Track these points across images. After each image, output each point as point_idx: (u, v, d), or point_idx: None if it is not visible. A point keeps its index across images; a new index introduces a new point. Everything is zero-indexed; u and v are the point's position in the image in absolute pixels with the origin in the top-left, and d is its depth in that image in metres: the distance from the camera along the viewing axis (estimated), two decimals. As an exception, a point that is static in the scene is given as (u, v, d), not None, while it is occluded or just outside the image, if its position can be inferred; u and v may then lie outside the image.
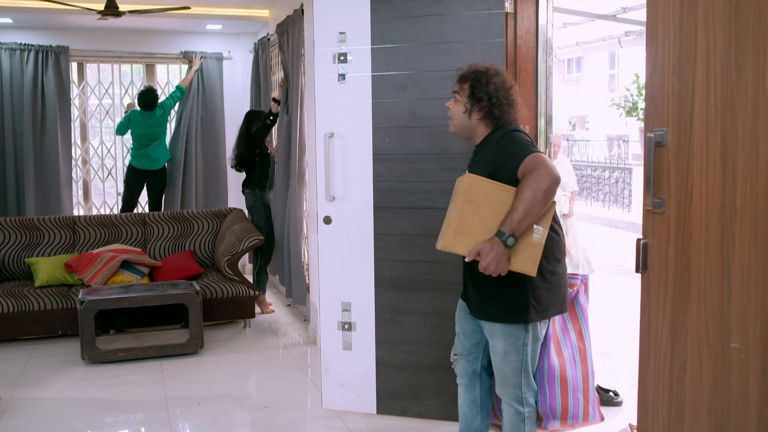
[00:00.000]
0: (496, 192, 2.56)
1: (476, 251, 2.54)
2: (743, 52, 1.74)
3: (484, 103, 2.71)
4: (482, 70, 2.76)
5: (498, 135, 2.72)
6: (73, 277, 5.51)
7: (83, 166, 7.52)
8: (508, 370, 2.75)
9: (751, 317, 1.75)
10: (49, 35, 7.07)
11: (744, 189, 1.74)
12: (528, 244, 2.56)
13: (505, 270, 2.55)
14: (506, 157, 2.62)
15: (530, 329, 2.71)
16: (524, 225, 2.50)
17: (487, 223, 2.54)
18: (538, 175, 2.49)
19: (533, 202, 2.48)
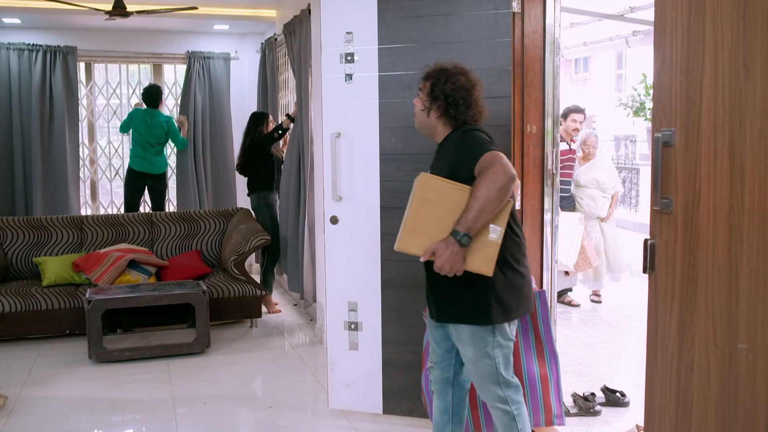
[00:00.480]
0: (451, 191, 2.54)
1: (431, 251, 2.51)
2: (751, 52, 1.73)
3: (440, 102, 2.71)
4: (445, 69, 2.76)
5: (457, 134, 2.71)
6: (81, 276, 5.52)
7: (91, 165, 7.55)
8: (484, 375, 2.71)
9: (759, 318, 1.74)
10: (57, 35, 7.10)
11: (752, 189, 1.74)
12: (484, 244, 2.53)
13: (461, 270, 2.52)
14: (463, 156, 2.60)
15: (497, 332, 2.66)
16: (479, 224, 2.47)
17: (442, 223, 2.51)
18: (493, 173, 2.46)
19: (488, 200, 2.45)
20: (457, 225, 2.48)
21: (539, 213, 3.49)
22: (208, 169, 7.62)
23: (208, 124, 7.57)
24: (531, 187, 3.46)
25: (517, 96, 3.40)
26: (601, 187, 6.06)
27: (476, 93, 2.76)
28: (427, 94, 2.76)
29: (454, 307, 2.68)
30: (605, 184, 6.06)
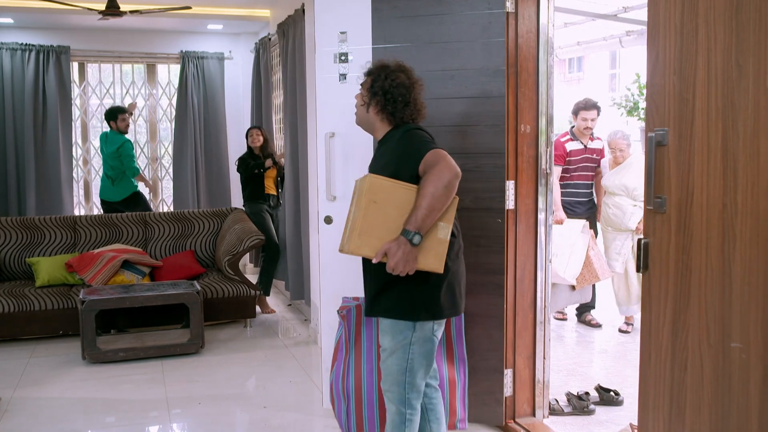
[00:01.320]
0: (399, 191, 2.55)
1: (383, 252, 2.51)
2: (744, 51, 1.73)
3: (379, 98, 2.72)
4: (385, 66, 2.77)
5: (398, 133, 2.72)
6: (74, 277, 5.51)
7: (84, 165, 7.53)
8: (393, 368, 2.71)
9: (752, 317, 1.74)
10: (50, 35, 7.08)
11: (745, 188, 1.74)
12: (433, 241, 2.56)
13: (414, 269, 2.53)
14: (406, 155, 2.62)
15: (418, 328, 2.66)
16: (429, 222, 2.50)
17: (391, 223, 2.53)
18: (438, 171, 2.49)
19: (435, 197, 2.47)
20: (407, 224, 2.49)
21: (533, 212, 3.50)
22: (203, 169, 7.61)
23: (202, 124, 7.56)
24: (525, 186, 3.47)
25: (511, 95, 3.40)
26: (630, 194, 5.24)
27: (415, 91, 2.76)
28: (367, 90, 2.77)
29: (380, 301, 2.70)
30: (635, 191, 5.19)
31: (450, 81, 3.41)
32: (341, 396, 3.20)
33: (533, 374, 3.60)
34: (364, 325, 3.17)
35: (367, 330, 3.19)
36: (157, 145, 7.80)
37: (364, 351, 3.18)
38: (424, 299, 2.64)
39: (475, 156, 3.40)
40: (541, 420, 3.62)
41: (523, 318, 3.55)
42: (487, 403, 3.53)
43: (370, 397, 3.18)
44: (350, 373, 3.18)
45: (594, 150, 5.51)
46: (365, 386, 3.17)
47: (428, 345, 2.71)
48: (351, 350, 3.17)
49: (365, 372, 3.17)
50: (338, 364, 3.20)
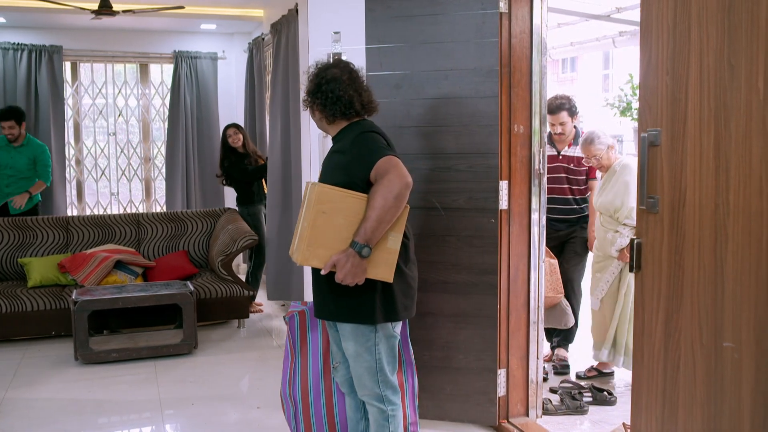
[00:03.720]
0: (348, 201, 2.52)
1: (332, 263, 2.50)
2: (736, 52, 1.74)
3: (315, 98, 2.71)
4: (322, 65, 2.77)
5: (353, 133, 2.68)
6: (67, 277, 5.49)
7: (77, 166, 7.50)
8: (363, 371, 2.71)
9: (744, 316, 1.75)
10: (43, 35, 7.05)
11: (737, 189, 1.75)
12: (383, 251, 2.55)
13: (362, 280, 2.53)
14: (358, 159, 2.58)
15: (379, 329, 2.68)
16: (378, 233, 2.48)
17: (341, 234, 2.51)
18: (389, 181, 2.46)
19: (385, 209, 2.45)
20: (356, 236, 2.48)
21: (527, 213, 3.50)
22: (196, 169, 7.59)
23: (195, 124, 7.54)
24: (518, 187, 3.47)
25: (504, 96, 3.40)
26: (613, 215, 4.10)
27: (348, 84, 2.70)
28: (307, 93, 2.76)
29: (337, 306, 2.67)
30: (618, 212, 4.05)
31: (444, 81, 3.41)
32: (289, 402, 3.17)
33: (526, 374, 3.60)
34: (310, 330, 3.14)
35: (313, 334, 3.15)
36: (149, 145, 7.77)
37: (310, 356, 3.16)
38: (381, 302, 2.63)
39: (468, 156, 3.40)
40: (535, 420, 3.62)
41: (516, 318, 3.55)
42: (480, 403, 3.53)
43: (317, 402, 3.17)
44: (297, 379, 3.15)
45: (571, 158, 4.44)
46: (312, 391, 3.16)
47: (391, 341, 2.73)
48: (297, 356, 3.14)
49: (311, 377, 3.15)
50: (285, 370, 3.18)
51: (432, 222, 3.49)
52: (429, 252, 3.50)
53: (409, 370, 3.16)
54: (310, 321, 3.13)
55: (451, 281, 3.49)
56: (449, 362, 3.54)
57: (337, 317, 2.70)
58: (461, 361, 3.52)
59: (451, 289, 3.49)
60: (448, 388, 3.56)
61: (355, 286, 2.58)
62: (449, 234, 3.47)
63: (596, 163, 4.18)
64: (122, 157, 7.67)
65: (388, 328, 2.70)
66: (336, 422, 3.17)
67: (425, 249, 3.50)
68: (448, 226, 3.46)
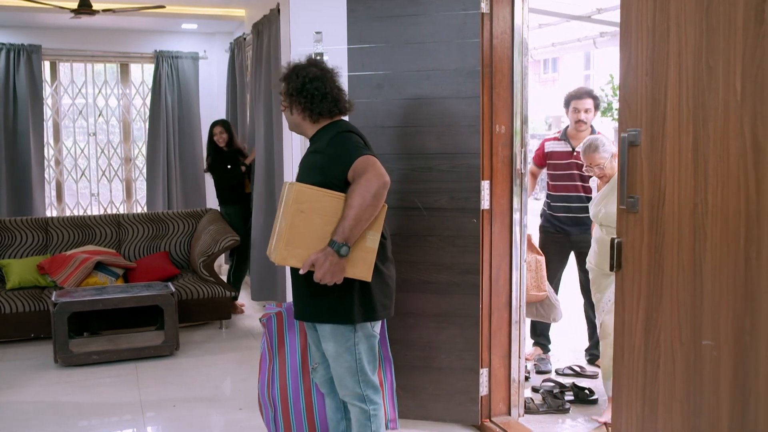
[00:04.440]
0: (326, 200, 2.52)
1: (310, 263, 2.50)
2: (714, 53, 1.76)
3: (296, 98, 2.69)
4: (296, 65, 2.76)
5: (330, 134, 2.68)
6: (46, 279, 5.43)
7: (56, 166, 7.43)
8: (344, 372, 2.71)
9: (723, 314, 1.77)
10: (21, 34, 6.97)
11: (715, 188, 1.77)
12: (362, 250, 2.55)
13: (341, 279, 2.53)
14: (335, 159, 2.59)
15: (359, 328, 2.67)
16: (356, 232, 2.48)
17: (319, 233, 2.51)
18: (366, 180, 2.47)
19: (363, 207, 2.45)
20: (334, 235, 2.48)
21: (508, 212, 3.51)
22: (177, 169, 7.54)
23: (176, 124, 7.49)
24: (500, 186, 3.48)
25: (485, 96, 3.41)
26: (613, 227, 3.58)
27: (330, 82, 2.72)
28: (285, 94, 2.74)
29: (316, 306, 2.67)
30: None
31: (425, 81, 3.42)
32: (268, 405, 3.15)
33: (508, 373, 3.62)
34: (287, 331, 3.13)
35: (290, 335, 3.13)
36: (130, 146, 7.72)
37: (288, 357, 3.14)
38: (360, 301, 2.63)
39: (450, 156, 3.41)
40: (517, 419, 3.64)
41: (498, 317, 3.56)
42: (462, 403, 3.54)
43: (296, 403, 3.16)
44: (275, 381, 3.14)
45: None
46: (291, 392, 3.14)
47: (371, 341, 2.73)
48: (275, 358, 3.13)
49: (290, 378, 3.14)
50: (263, 373, 3.15)
51: (414, 222, 3.49)
52: (411, 252, 3.50)
53: (387, 366, 3.16)
54: (287, 322, 3.12)
55: (433, 281, 3.49)
56: (431, 362, 3.54)
57: (317, 318, 2.70)
58: (443, 361, 3.53)
59: (433, 289, 3.50)
60: (431, 387, 3.57)
61: (334, 286, 2.57)
62: (431, 234, 3.48)
63: (599, 172, 3.79)
64: (103, 157, 7.61)
65: (368, 327, 2.70)
66: (316, 423, 3.17)
67: (407, 249, 3.51)
68: (429, 226, 3.47)
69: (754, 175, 1.66)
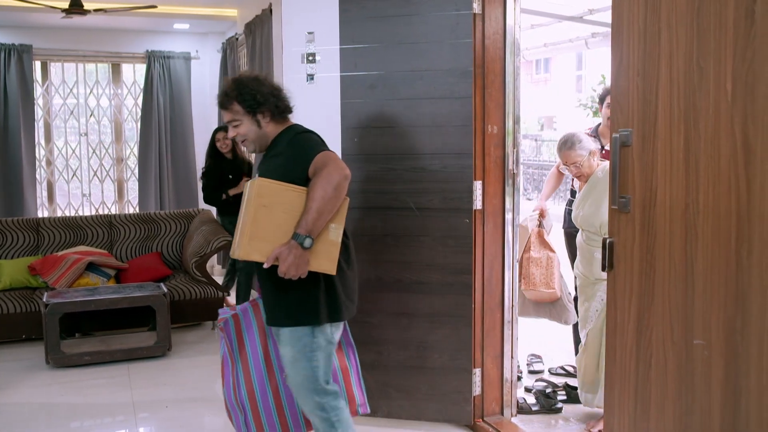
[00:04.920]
0: (288, 194, 2.53)
1: (274, 256, 2.48)
2: (705, 53, 1.77)
3: (263, 107, 2.68)
4: (238, 81, 2.72)
5: (289, 136, 2.71)
6: (38, 279, 5.41)
7: (47, 166, 7.40)
8: (301, 380, 2.67)
9: (714, 314, 1.78)
10: (12, 33, 6.94)
11: (706, 188, 1.77)
12: (325, 243, 2.55)
13: (305, 272, 2.51)
14: (296, 157, 2.61)
15: (318, 333, 2.63)
16: (320, 224, 2.49)
17: (282, 227, 2.50)
18: (327, 173, 2.49)
19: (325, 199, 2.47)
20: (297, 228, 2.47)
21: (500, 212, 3.52)
22: (169, 169, 7.53)
23: (168, 124, 7.47)
24: (492, 186, 3.49)
25: (478, 96, 3.42)
26: (599, 229, 3.47)
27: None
28: (247, 110, 2.68)
29: (278, 309, 2.66)
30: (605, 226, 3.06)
31: (418, 81, 3.42)
32: (237, 409, 3.05)
33: (501, 373, 3.62)
34: (245, 332, 3.05)
35: (249, 335, 3.05)
36: (122, 146, 7.70)
37: (251, 358, 3.05)
38: (319, 303, 2.61)
39: (442, 156, 3.42)
40: (510, 418, 3.64)
41: (491, 317, 3.57)
42: (455, 403, 3.55)
43: (265, 403, 3.07)
44: (241, 384, 3.05)
45: None
46: (258, 394, 3.06)
47: (329, 348, 2.69)
48: (237, 361, 3.04)
49: (255, 379, 3.05)
50: (227, 378, 3.07)
51: (406, 222, 3.49)
52: (403, 252, 3.51)
53: (350, 351, 3.07)
54: (245, 323, 3.04)
55: (426, 281, 3.50)
56: (424, 362, 3.55)
57: (276, 322, 2.68)
58: (436, 361, 3.53)
59: (426, 289, 3.50)
60: (424, 387, 3.57)
61: (299, 285, 2.56)
62: (424, 234, 3.48)
63: (575, 171, 3.60)
64: (94, 157, 7.59)
65: (327, 332, 2.67)
66: (287, 420, 3.07)
67: (400, 249, 3.51)
68: (422, 226, 3.47)
69: (745, 175, 1.67)
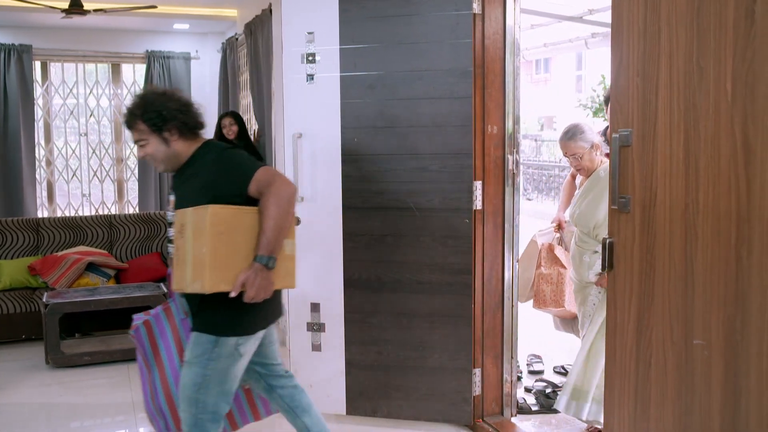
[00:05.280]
0: (242, 217, 2.46)
1: (240, 283, 2.40)
2: (705, 53, 1.77)
3: (169, 124, 2.55)
4: (143, 98, 2.60)
5: (211, 154, 2.57)
6: (37, 280, 5.41)
7: (47, 167, 7.40)
8: (188, 381, 2.56)
9: (714, 314, 1.78)
10: (12, 33, 6.94)
11: (706, 188, 1.77)
12: (284, 259, 2.52)
13: (272, 292, 2.48)
14: (229, 175, 2.49)
15: (220, 344, 2.52)
16: (279, 242, 2.45)
17: (241, 251, 2.44)
18: (276, 188, 2.43)
19: (281, 216, 2.42)
20: (259, 249, 2.42)
21: (500, 213, 3.52)
22: (169, 169, 7.52)
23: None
24: (492, 187, 3.49)
25: (477, 96, 3.42)
26: (591, 231, 3.37)
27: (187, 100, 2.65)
28: (152, 129, 2.55)
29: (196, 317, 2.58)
30: (599, 228, 3.29)
31: (418, 82, 3.42)
32: (156, 415, 2.98)
33: (501, 373, 3.62)
34: (159, 337, 2.97)
35: (163, 341, 2.98)
36: (122, 146, 7.70)
37: (166, 363, 2.97)
38: (228, 315, 2.51)
39: (442, 156, 3.42)
40: (509, 418, 3.64)
41: (491, 318, 3.57)
42: (455, 403, 3.55)
43: None
44: (158, 390, 2.97)
45: None
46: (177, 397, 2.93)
47: (229, 362, 2.55)
48: (153, 368, 2.98)
49: (173, 383, 2.96)
50: (144, 386, 3.01)
51: (406, 222, 3.49)
52: (403, 252, 3.51)
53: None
54: (157, 329, 2.97)
55: (426, 281, 3.50)
56: (424, 362, 3.55)
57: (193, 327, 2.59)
58: (436, 361, 3.53)
59: (426, 289, 3.50)
60: (423, 388, 3.57)
61: (210, 299, 2.46)
62: (424, 234, 3.48)
63: (574, 163, 3.43)
64: (94, 157, 7.59)
65: (230, 346, 2.54)
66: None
67: (400, 249, 3.51)
68: (422, 226, 3.47)
69: (745, 175, 1.67)
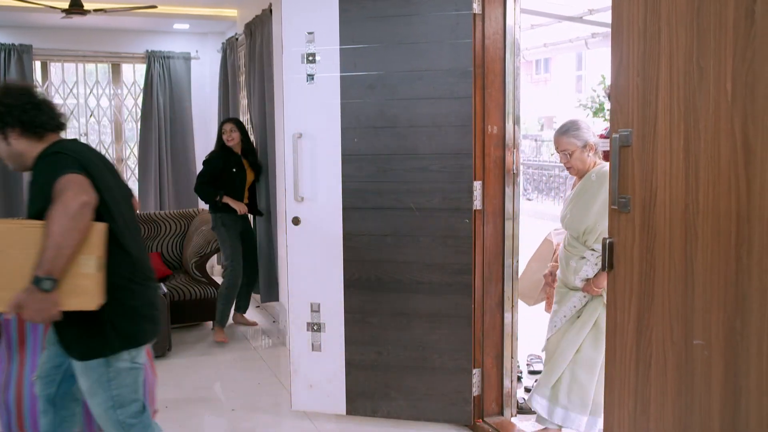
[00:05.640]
0: (21, 232, 2.25)
1: (15, 305, 2.19)
2: (705, 53, 1.77)
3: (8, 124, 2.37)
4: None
5: (41, 159, 2.38)
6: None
7: (47, 166, 7.39)
8: (101, 411, 2.45)
9: (714, 314, 1.78)
10: (12, 33, 6.94)
11: (706, 189, 1.77)
12: (77, 278, 2.24)
13: (57, 315, 2.25)
14: (43, 185, 2.29)
15: (113, 362, 2.40)
16: (60, 261, 2.17)
17: (23, 269, 2.19)
18: (61, 202, 2.17)
19: (62, 234, 2.15)
20: (36, 269, 2.17)
21: (500, 213, 3.52)
22: (169, 170, 7.52)
23: (168, 124, 7.47)
24: (492, 187, 3.49)
25: (478, 96, 3.42)
26: (580, 236, 3.22)
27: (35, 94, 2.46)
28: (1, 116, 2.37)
29: (70, 338, 2.41)
30: (588, 233, 3.17)
31: (418, 82, 3.42)
32: (2, 409, 2.88)
33: (501, 373, 3.62)
34: (29, 331, 2.86)
35: (33, 336, 2.87)
36: (122, 146, 7.70)
37: (28, 360, 2.85)
38: (108, 330, 2.37)
39: (442, 156, 3.42)
40: (509, 418, 3.64)
41: (490, 318, 3.57)
42: (455, 403, 3.55)
43: (32, 411, 2.87)
44: (11, 384, 2.85)
45: None
46: (26, 399, 2.86)
47: (131, 374, 2.46)
48: (13, 359, 2.84)
49: (27, 383, 2.85)
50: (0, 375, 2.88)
51: (406, 222, 3.49)
52: (403, 252, 3.51)
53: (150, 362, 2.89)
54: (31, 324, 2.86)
55: (426, 281, 3.50)
56: (424, 362, 3.55)
57: (71, 355, 2.43)
58: (436, 361, 3.53)
59: (426, 289, 3.50)
60: (423, 388, 3.57)
61: (81, 316, 2.32)
62: (423, 234, 3.48)
63: (564, 160, 3.24)
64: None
65: (124, 360, 2.42)
66: None
67: (399, 249, 3.51)
68: (422, 226, 3.47)
69: (745, 176, 1.67)
